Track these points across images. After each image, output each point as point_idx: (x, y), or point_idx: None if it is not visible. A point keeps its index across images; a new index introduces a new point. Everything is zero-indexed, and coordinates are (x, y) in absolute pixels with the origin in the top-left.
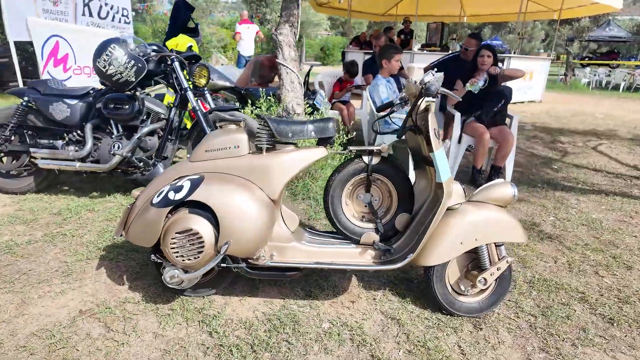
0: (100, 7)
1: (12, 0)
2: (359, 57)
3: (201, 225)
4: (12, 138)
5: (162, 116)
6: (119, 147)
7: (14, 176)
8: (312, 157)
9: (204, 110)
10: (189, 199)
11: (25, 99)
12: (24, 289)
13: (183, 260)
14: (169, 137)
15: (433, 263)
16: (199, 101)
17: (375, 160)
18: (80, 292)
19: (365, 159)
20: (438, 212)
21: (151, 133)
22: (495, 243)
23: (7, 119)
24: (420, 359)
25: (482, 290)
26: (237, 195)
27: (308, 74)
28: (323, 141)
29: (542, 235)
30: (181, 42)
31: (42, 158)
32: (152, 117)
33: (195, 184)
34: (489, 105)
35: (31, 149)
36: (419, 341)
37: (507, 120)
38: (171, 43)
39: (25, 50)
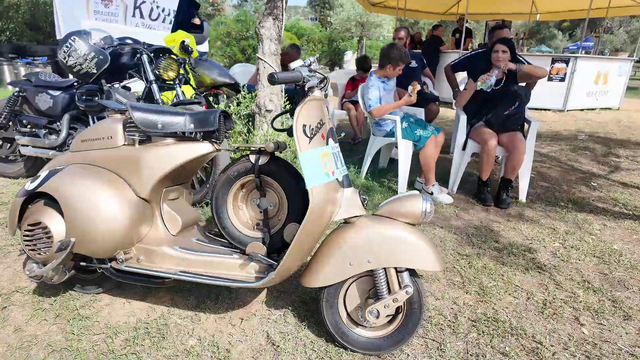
0: (152, 9)
1: (65, 1)
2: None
3: (50, 219)
4: (9, 125)
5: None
6: None
7: (10, 161)
8: (193, 153)
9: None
10: (39, 189)
11: (17, 89)
12: None
13: (35, 253)
14: None
15: (315, 285)
16: (174, 94)
17: (264, 159)
18: None
19: (252, 158)
20: (302, 226)
21: None
22: (395, 268)
23: (2, 108)
24: None
25: (389, 323)
26: (89, 189)
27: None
28: (208, 135)
29: (530, 265)
30: (178, 38)
31: (22, 145)
32: None
33: (51, 175)
34: (500, 107)
35: (16, 136)
36: None
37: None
38: (168, 39)
39: None
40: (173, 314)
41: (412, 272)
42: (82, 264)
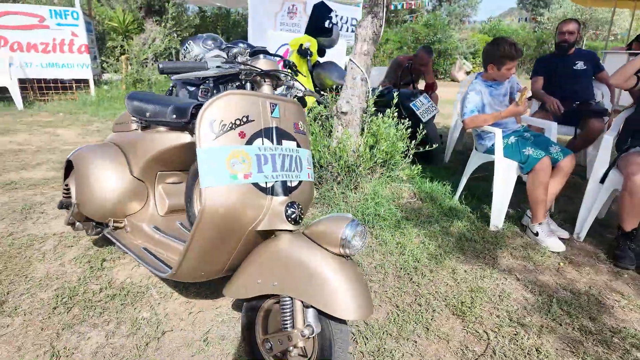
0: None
1: (257, 15)
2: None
3: (72, 182)
4: None
5: None
6: None
7: None
8: (174, 141)
9: None
10: (69, 158)
11: (171, 84)
12: None
13: (65, 208)
14: None
15: (227, 294)
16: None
17: None
18: None
19: None
20: (193, 228)
21: None
22: (302, 301)
23: None
24: None
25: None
26: (94, 163)
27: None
28: (185, 126)
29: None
30: (299, 42)
31: None
32: None
33: (81, 148)
34: None
35: None
36: None
37: None
38: (293, 42)
39: None
40: (157, 285)
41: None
42: (93, 224)
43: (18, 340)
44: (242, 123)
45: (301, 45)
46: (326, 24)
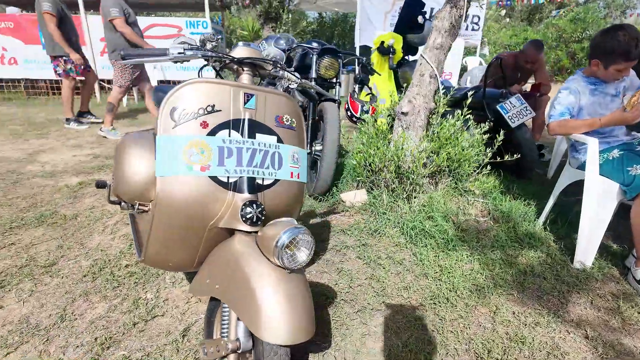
0: (465, 20)
1: (366, 15)
2: None
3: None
4: None
5: (301, 104)
6: None
7: None
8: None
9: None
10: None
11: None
12: None
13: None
14: (309, 125)
15: (189, 291)
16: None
17: None
18: None
19: None
20: (150, 214)
21: None
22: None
23: None
24: None
25: None
26: (129, 146)
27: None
28: None
29: None
30: (386, 38)
31: None
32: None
33: (127, 133)
34: None
35: None
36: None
37: None
38: (377, 39)
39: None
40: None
41: None
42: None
43: (45, 299)
44: (205, 113)
45: (382, 42)
46: (419, 19)
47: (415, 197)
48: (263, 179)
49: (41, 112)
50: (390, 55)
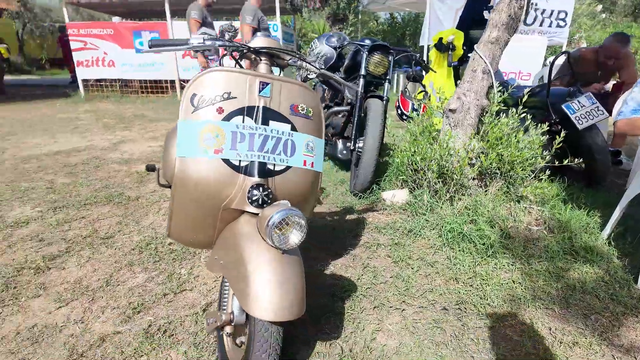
0: (528, 13)
1: (435, 12)
2: None
3: None
4: None
5: (349, 100)
6: None
7: None
8: None
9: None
10: None
11: (314, 83)
12: None
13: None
14: (351, 119)
15: (205, 266)
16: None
17: None
18: None
19: None
20: (171, 192)
21: (339, 114)
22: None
23: None
24: None
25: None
26: (172, 132)
27: None
28: None
29: None
30: (445, 35)
31: None
32: (345, 100)
33: None
34: None
35: None
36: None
37: None
38: (436, 36)
39: None
40: None
41: None
42: None
43: (98, 265)
44: (222, 99)
45: (440, 39)
46: (485, 14)
47: (459, 199)
48: (274, 164)
49: (131, 108)
50: (450, 52)
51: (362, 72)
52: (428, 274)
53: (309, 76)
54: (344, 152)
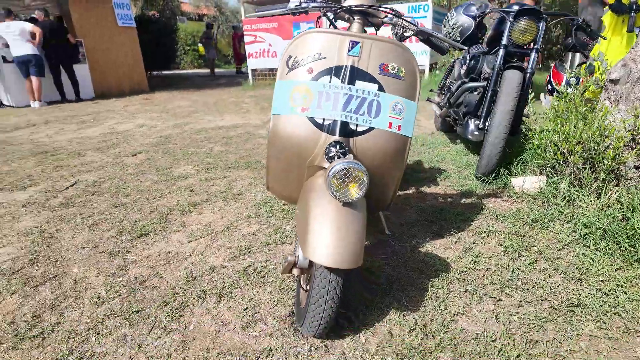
0: None
1: None
2: None
3: None
4: None
5: (487, 75)
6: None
7: None
8: None
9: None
10: None
11: (452, 61)
12: None
13: None
14: (487, 97)
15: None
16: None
17: None
18: None
19: None
20: (267, 151)
21: (474, 90)
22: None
23: None
24: None
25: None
26: None
27: None
28: None
29: None
30: None
31: None
32: (482, 76)
33: None
34: None
35: None
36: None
37: None
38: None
39: None
40: None
41: None
42: None
43: (225, 214)
44: (312, 60)
45: None
46: None
47: (609, 190)
48: (356, 125)
49: None
50: (633, 14)
51: (504, 41)
52: (544, 269)
53: (404, 34)
54: (476, 132)
